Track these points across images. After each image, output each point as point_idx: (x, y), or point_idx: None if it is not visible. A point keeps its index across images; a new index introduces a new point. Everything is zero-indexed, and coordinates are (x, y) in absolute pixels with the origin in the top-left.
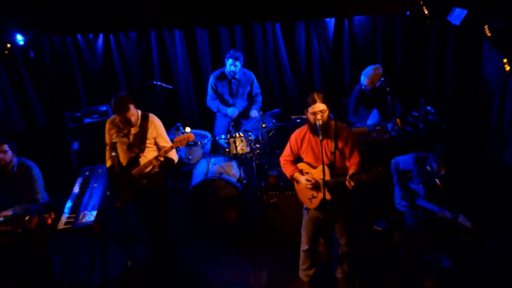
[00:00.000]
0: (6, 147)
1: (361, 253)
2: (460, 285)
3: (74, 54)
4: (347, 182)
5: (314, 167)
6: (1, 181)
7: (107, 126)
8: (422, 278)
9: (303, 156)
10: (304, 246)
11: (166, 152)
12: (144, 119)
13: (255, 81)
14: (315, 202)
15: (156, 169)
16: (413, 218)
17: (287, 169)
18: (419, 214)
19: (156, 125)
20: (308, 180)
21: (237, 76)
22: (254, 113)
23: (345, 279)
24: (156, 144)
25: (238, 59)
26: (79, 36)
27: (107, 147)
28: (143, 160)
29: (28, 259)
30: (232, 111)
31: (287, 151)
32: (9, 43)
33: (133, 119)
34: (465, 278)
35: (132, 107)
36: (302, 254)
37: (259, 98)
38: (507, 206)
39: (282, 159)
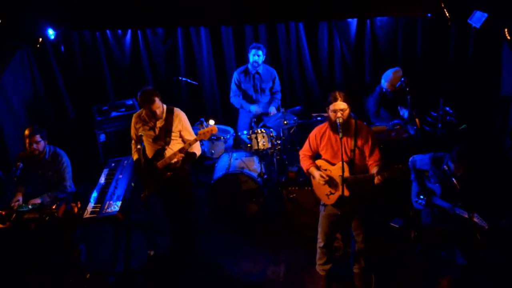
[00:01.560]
0: (38, 137)
1: (378, 250)
2: (476, 283)
3: (103, 49)
4: (376, 178)
5: (333, 164)
6: (34, 169)
7: (133, 120)
8: (438, 276)
9: (322, 152)
10: (320, 243)
11: (190, 144)
12: (170, 113)
13: (277, 78)
14: (333, 198)
15: (180, 162)
16: (430, 216)
17: (304, 163)
18: (435, 212)
19: (181, 119)
20: (322, 176)
21: (259, 71)
22: (272, 110)
23: (362, 274)
24: (181, 137)
25: (260, 49)
26: (108, 31)
27: (132, 141)
28: (168, 152)
29: (55, 246)
30: (255, 108)
31: (306, 146)
32: (41, 37)
33: (158, 111)
34: (481, 276)
35: (157, 100)
36: (318, 250)
37: (278, 96)
38: None
39: (301, 153)
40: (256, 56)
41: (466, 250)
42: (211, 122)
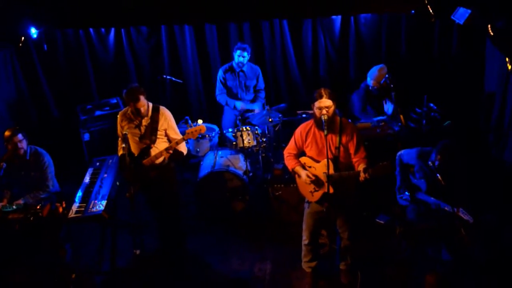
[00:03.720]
0: (20, 136)
1: (363, 246)
2: (461, 278)
3: (86, 48)
4: (361, 175)
5: (317, 161)
6: (15, 170)
7: (119, 118)
8: (424, 271)
9: (307, 150)
10: (305, 240)
11: (177, 143)
12: (155, 111)
13: (261, 75)
14: (317, 196)
15: (167, 161)
16: (415, 212)
17: (290, 163)
18: (421, 208)
19: (166, 117)
20: (308, 176)
21: (244, 69)
22: (256, 110)
23: (348, 271)
24: (166, 135)
25: (246, 50)
26: (91, 30)
27: (119, 139)
28: (154, 151)
29: (40, 246)
30: (240, 105)
31: (291, 144)
32: (23, 36)
33: (142, 109)
34: (466, 271)
35: (142, 98)
36: (303, 248)
37: (262, 95)
38: (506, 202)
39: (286, 152)
40: (242, 57)
41: (451, 246)
42: (200, 121)
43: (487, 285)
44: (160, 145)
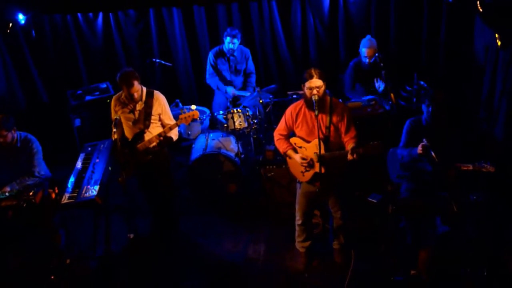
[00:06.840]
0: (4, 132)
1: (356, 225)
2: (454, 255)
3: (74, 33)
4: (349, 155)
5: (308, 142)
6: (6, 157)
7: (113, 102)
8: (417, 247)
9: (297, 130)
10: (298, 220)
11: (170, 128)
12: (149, 96)
13: (250, 58)
14: (308, 176)
15: (157, 147)
16: (408, 190)
17: (281, 145)
18: (417, 186)
19: (161, 102)
20: (303, 159)
21: (235, 53)
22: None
23: (341, 250)
24: (160, 120)
25: (236, 37)
26: (79, 15)
27: (112, 124)
28: (148, 135)
29: (34, 232)
30: (231, 90)
31: (281, 124)
32: (11, 22)
33: (136, 94)
34: (458, 247)
35: (136, 82)
36: (297, 228)
37: (253, 79)
38: (496, 178)
39: (276, 133)
40: (231, 44)
41: (444, 220)
42: (193, 106)
43: (479, 260)
44: (154, 130)
